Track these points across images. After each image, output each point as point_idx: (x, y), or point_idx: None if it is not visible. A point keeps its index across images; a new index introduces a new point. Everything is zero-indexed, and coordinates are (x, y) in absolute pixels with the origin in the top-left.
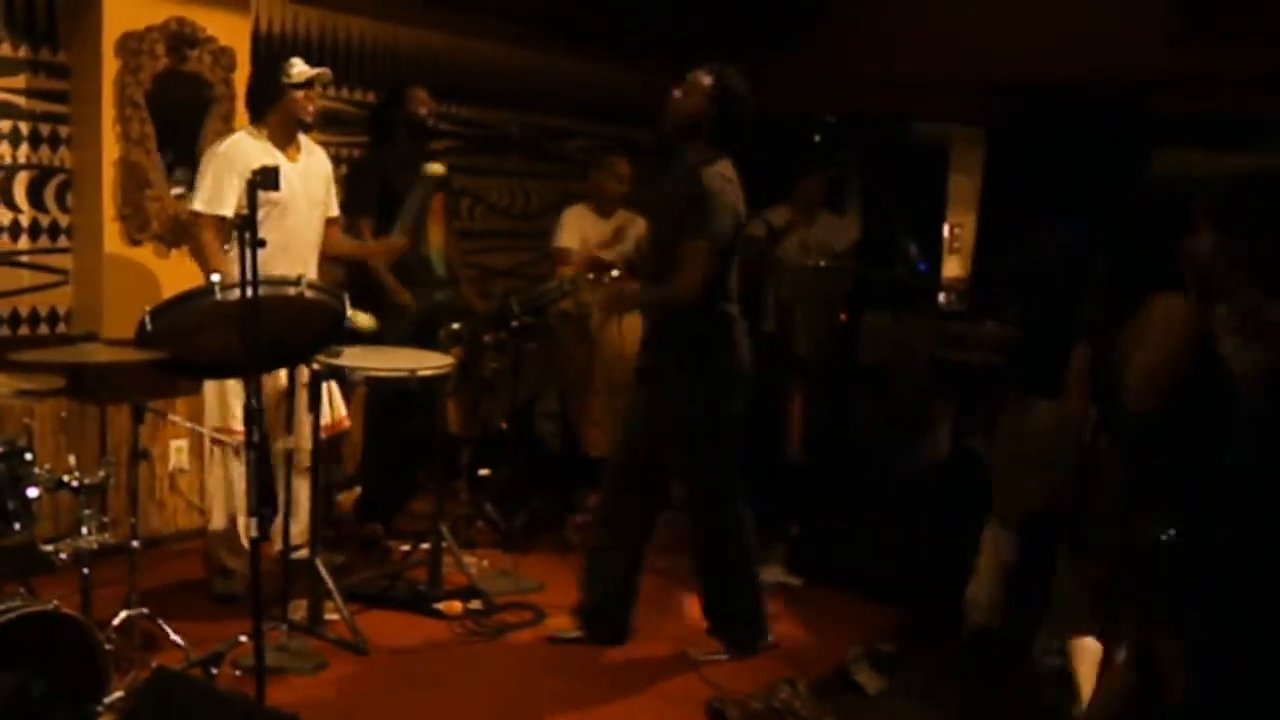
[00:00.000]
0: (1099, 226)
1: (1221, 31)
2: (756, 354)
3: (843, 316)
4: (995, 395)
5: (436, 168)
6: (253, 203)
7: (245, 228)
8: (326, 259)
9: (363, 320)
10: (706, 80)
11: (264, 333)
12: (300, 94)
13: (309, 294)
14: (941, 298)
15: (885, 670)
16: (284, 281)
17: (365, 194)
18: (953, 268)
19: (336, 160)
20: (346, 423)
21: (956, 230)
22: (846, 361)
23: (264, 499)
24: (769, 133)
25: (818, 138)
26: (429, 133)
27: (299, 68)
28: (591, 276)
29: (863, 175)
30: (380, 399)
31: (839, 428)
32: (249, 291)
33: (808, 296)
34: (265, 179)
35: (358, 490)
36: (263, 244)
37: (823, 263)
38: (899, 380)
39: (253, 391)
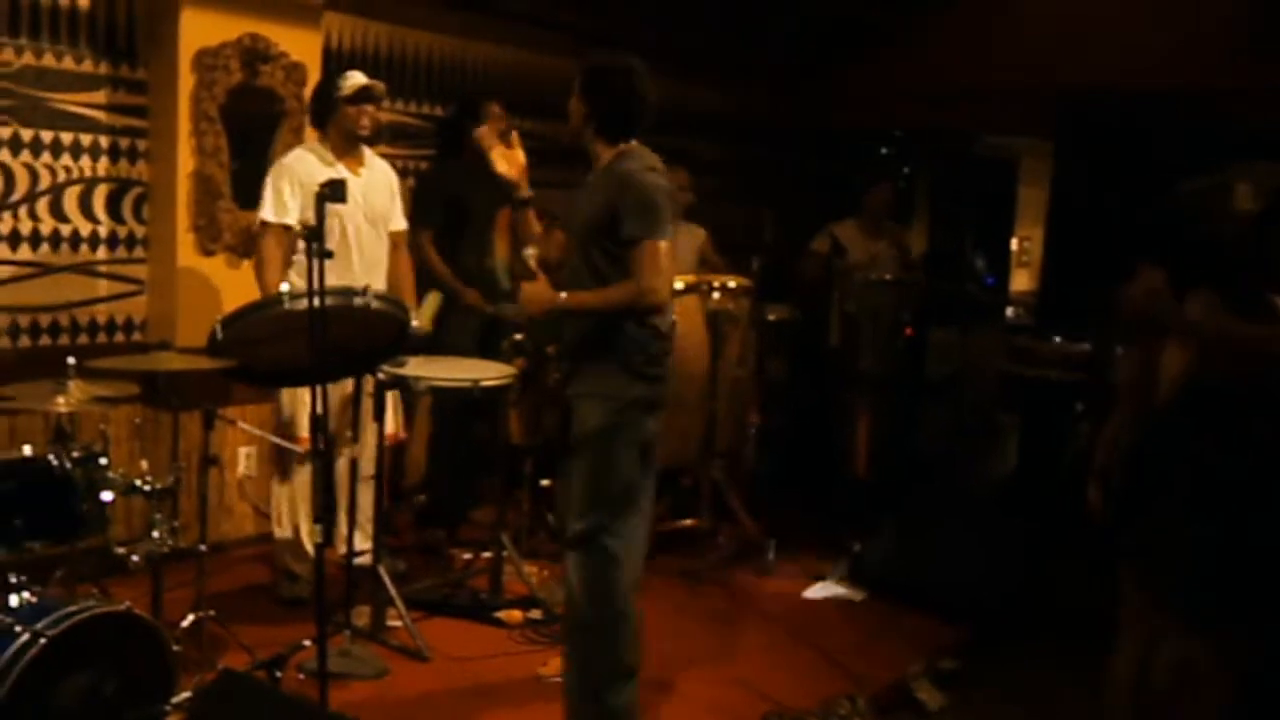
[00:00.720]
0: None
1: None
2: (822, 369)
3: (909, 331)
4: None
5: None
6: (320, 214)
7: (312, 239)
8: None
9: (425, 313)
10: (575, 82)
11: (330, 342)
12: (352, 108)
13: (374, 304)
14: (1009, 312)
15: (947, 687)
16: (350, 292)
17: (430, 207)
18: (1021, 281)
19: (403, 173)
20: (402, 434)
21: (1025, 244)
22: (913, 376)
23: (328, 506)
24: (837, 147)
25: (885, 150)
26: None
27: (350, 80)
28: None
29: (930, 188)
30: (444, 409)
31: (905, 443)
32: (316, 301)
33: (874, 310)
34: (334, 192)
35: (422, 498)
36: (330, 255)
37: (889, 276)
38: (966, 395)
39: (318, 400)
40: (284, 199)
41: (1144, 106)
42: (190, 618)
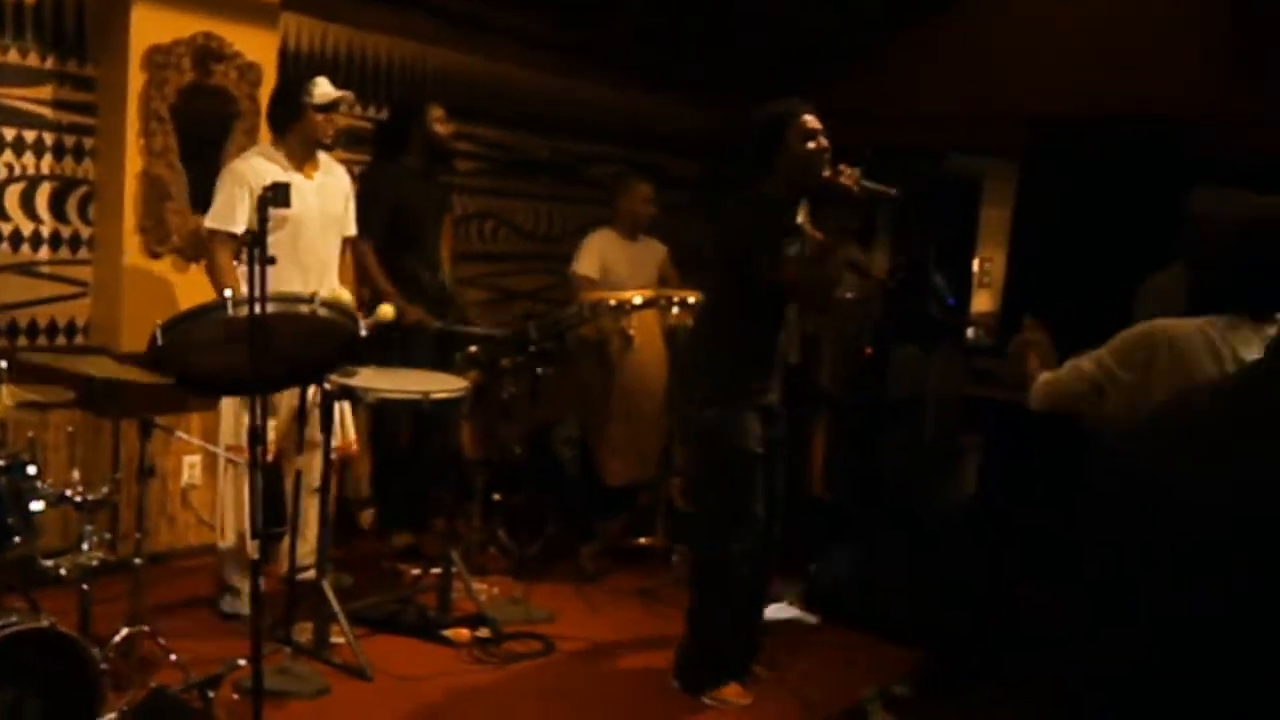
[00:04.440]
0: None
1: (1266, 71)
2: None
3: (869, 350)
4: None
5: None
6: (263, 219)
7: (254, 244)
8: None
9: (385, 311)
10: None
11: (276, 351)
12: (321, 116)
13: (322, 312)
14: (970, 332)
15: (899, 713)
16: (297, 299)
17: (373, 215)
18: (982, 302)
19: (357, 178)
20: (355, 447)
21: (987, 265)
22: (873, 396)
23: (274, 518)
24: None
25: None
26: (450, 153)
27: (322, 89)
28: (613, 303)
29: (893, 207)
30: (395, 420)
31: (863, 463)
32: (257, 308)
33: (834, 329)
34: (276, 195)
35: (372, 511)
36: (272, 261)
37: (850, 295)
38: (927, 416)
39: (258, 410)
40: (234, 205)
41: (1110, 132)
42: (123, 633)
